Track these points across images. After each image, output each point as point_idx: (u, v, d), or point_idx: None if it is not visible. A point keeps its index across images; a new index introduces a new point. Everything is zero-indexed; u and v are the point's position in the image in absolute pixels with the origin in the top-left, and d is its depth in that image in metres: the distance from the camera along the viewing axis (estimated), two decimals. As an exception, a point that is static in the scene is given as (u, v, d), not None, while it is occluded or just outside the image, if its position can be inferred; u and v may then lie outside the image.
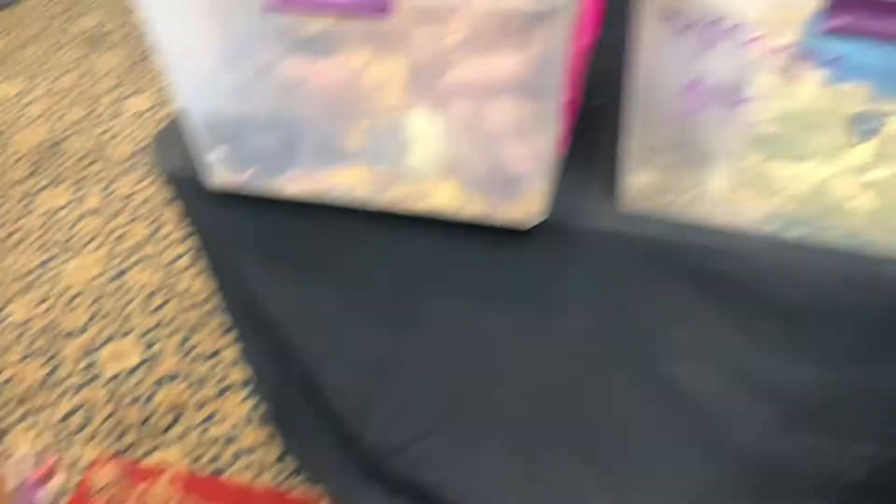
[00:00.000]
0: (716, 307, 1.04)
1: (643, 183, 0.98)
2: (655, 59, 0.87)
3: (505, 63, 0.92)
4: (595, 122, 1.11)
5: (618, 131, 0.96)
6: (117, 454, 1.89)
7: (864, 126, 0.87)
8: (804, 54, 0.81)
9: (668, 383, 1.15)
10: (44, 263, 2.42)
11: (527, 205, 0.99)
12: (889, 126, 0.91)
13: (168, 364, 2.09)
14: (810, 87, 0.86)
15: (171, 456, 1.88)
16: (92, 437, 1.93)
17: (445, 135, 0.98)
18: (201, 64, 0.97)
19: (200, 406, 1.98)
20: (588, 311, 1.11)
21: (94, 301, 2.29)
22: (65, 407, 2.00)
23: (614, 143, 1.00)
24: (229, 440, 1.90)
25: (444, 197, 1.01)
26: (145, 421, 1.96)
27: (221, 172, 1.07)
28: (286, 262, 1.20)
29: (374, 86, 0.99)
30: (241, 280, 1.26)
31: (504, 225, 1.01)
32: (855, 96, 0.92)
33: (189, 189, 1.13)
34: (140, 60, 3.32)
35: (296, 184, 1.06)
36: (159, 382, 2.05)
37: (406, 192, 1.02)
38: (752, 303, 1.01)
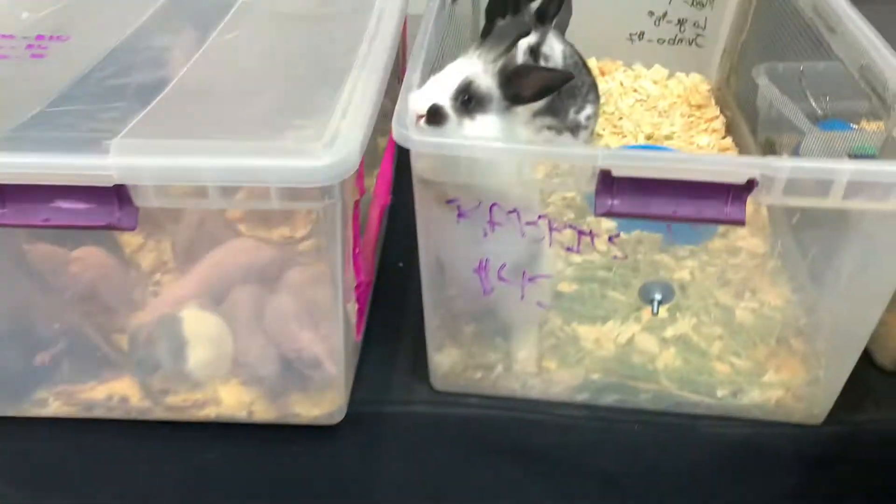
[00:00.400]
0: (538, 480, 0.97)
1: (450, 361, 0.92)
2: (442, 241, 0.82)
3: (283, 253, 0.84)
4: (396, 294, 1.04)
5: (420, 305, 0.90)
6: None
7: (651, 296, 0.86)
8: (587, 229, 0.79)
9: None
10: None
11: (324, 400, 0.89)
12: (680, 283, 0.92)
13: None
14: (597, 254, 0.84)
15: None
16: None
17: (225, 333, 0.87)
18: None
19: None
20: (406, 497, 1.00)
21: None
22: None
23: (418, 317, 0.93)
24: None
25: (229, 401, 0.89)
26: None
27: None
28: (51, 486, 1.01)
29: (143, 279, 0.87)
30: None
31: (304, 423, 0.90)
32: (645, 251, 0.93)
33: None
34: None
35: (50, 405, 0.89)
36: None
37: (186, 399, 0.89)
38: (572, 473, 0.96)
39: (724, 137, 1.43)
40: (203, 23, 0.97)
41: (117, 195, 0.69)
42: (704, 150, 1.39)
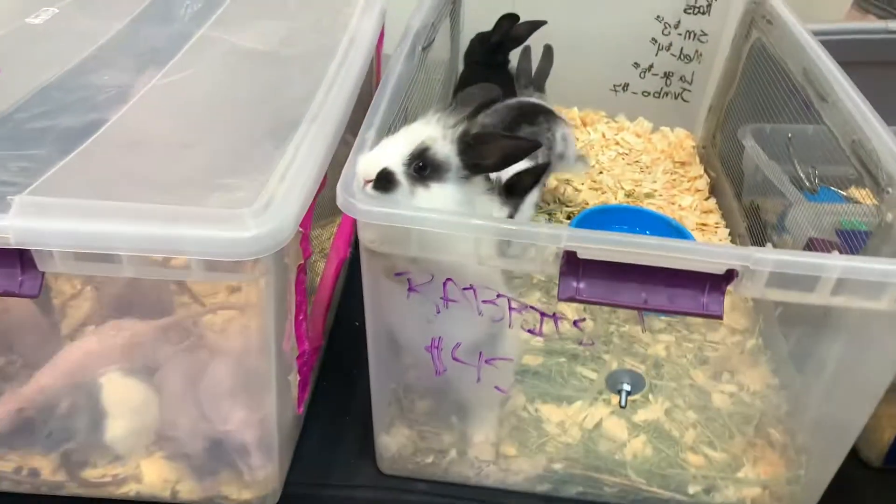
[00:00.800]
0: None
1: (398, 442, 0.84)
2: (391, 316, 0.74)
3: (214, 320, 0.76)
4: (349, 358, 0.96)
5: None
6: None
7: (619, 387, 0.79)
8: (551, 312, 0.71)
9: None
10: None
11: (256, 483, 0.80)
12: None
13: None
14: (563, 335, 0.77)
15: None
16: None
17: (150, 402, 0.78)
18: None
19: None
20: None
21: None
22: None
23: (370, 389, 0.85)
24: None
25: (151, 478, 0.80)
26: None
27: None
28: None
29: (70, 332, 0.79)
30: None
31: (234, 507, 0.81)
32: (618, 322, 0.86)
33: None
34: None
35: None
36: None
37: (104, 474, 0.80)
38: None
39: (707, 198, 1.36)
40: (152, 60, 0.90)
41: (19, 258, 0.61)
42: (686, 211, 1.33)
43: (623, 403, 0.77)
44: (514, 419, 0.85)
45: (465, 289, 0.69)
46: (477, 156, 0.71)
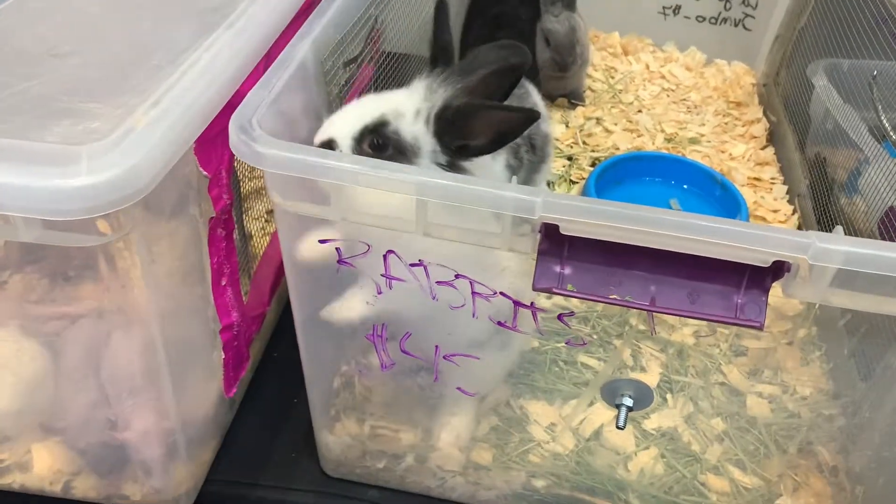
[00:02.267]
0: None
1: (343, 443, 0.68)
2: (318, 294, 0.56)
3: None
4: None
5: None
6: None
7: (618, 401, 0.60)
8: (527, 301, 0.53)
9: None
10: None
11: (160, 480, 0.65)
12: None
13: None
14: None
15: None
16: None
17: (44, 372, 0.63)
18: None
19: None
20: None
21: None
22: None
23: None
24: None
25: (42, 467, 0.66)
26: None
27: None
28: None
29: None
30: None
31: (140, 506, 0.66)
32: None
33: None
34: None
35: None
36: None
37: (-14, 458, 0.66)
38: None
39: (763, 148, 1.14)
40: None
41: None
42: (737, 162, 1.11)
43: (621, 424, 0.59)
44: (493, 417, 0.68)
45: (412, 265, 0.51)
46: (461, 134, 0.53)
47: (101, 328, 0.56)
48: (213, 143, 0.53)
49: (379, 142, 0.54)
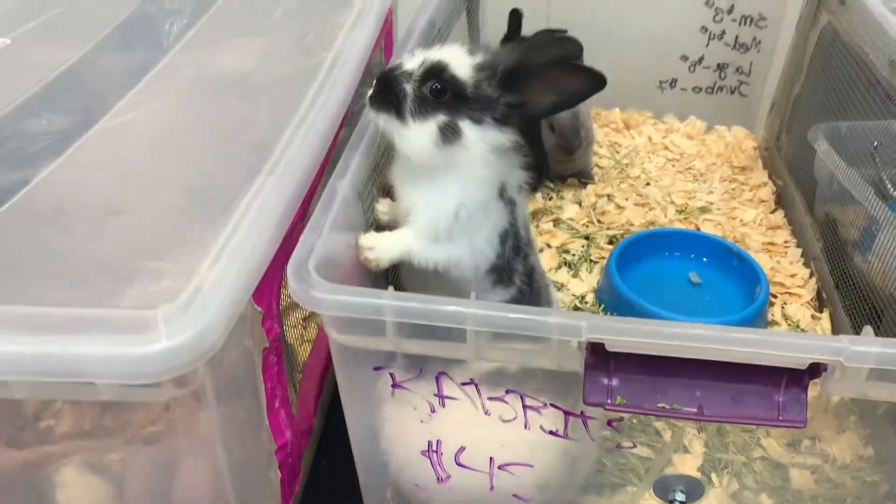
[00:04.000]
0: None
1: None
2: (374, 417, 0.59)
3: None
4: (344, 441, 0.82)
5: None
6: None
7: (671, 497, 0.62)
8: (577, 410, 0.55)
9: None
10: None
11: None
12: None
13: None
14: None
15: None
16: None
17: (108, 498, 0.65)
18: None
19: None
20: None
21: None
22: None
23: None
24: None
25: None
26: None
27: None
28: None
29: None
30: None
31: None
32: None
33: None
34: None
35: None
36: None
37: None
38: None
39: (773, 211, 1.17)
40: (102, 97, 0.76)
41: None
42: (749, 228, 1.14)
43: (678, 510, 0.61)
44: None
45: (464, 384, 0.54)
46: (526, 91, 0.58)
47: (169, 457, 0.58)
48: (265, 280, 0.57)
49: (438, 87, 0.57)
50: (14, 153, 0.68)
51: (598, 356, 0.49)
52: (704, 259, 1.03)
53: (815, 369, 0.47)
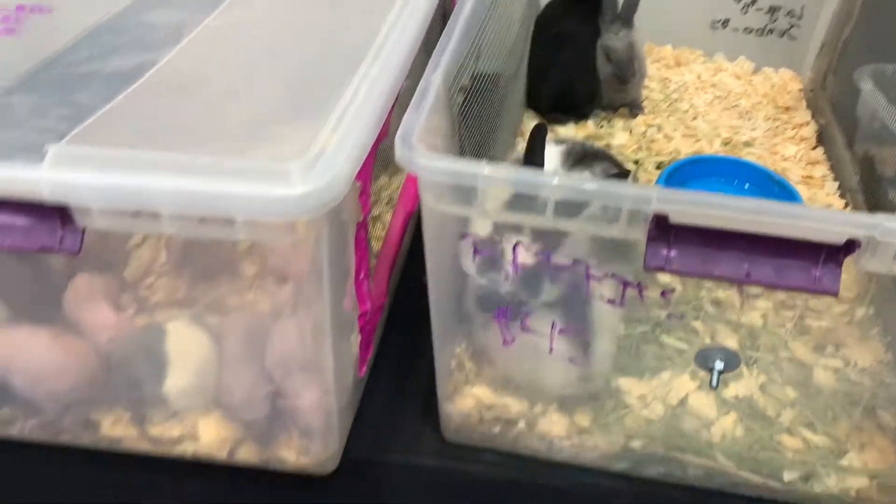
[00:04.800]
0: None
1: (463, 410, 0.78)
2: (456, 281, 0.68)
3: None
4: (415, 318, 0.91)
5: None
6: None
7: (710, 365, 0.70)
8: (634, 281, 0.63)
9: None
10: None
11: (314, 448, 0.76)
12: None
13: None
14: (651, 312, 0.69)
15: None
16: None
17: (212, 357, 0.75)
18: None
19: None
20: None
21: None
22: None
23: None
24: None
25: (209, 437, 0.78)
26: None
27: None
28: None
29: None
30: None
31: (293, 471, 0.78)
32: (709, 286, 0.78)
33: None
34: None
35: (19, 426, 0.80)
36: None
37: (163, 431, 0.78)
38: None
39: (814, 148, 1.23)
40: (209, -4, 0.84)
41: (59, 212, 0.57)
42: (790, 162, 1.21)
43: (715, 384, 0.69)
44: (592, 387, 0.78)
45: (536, 253, 0.62)
46: None
47: (275, 310, 0.67)
48: (366, 158, 0.65)
49: None
50: (136, 41, 0.76)
51: (661, 228, 0.56)
52: (746, 186, 1.10)
53: (851, 246, 0.54)
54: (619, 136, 1.23)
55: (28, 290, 0.69)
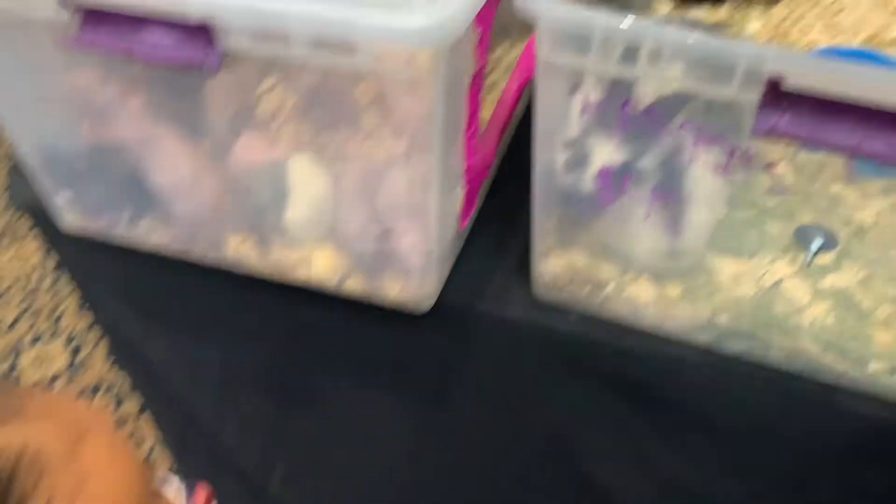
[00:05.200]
0: (635, 414, 0.88)
1: (555, 270, 0.82)
2: (560, 138, 0.70)
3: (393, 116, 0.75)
4: (519, 183, 0.94)
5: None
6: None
7: (808, 242, 0.70)
8: (742, 148, 0.64)
9: (584, 480, 1.00)
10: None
11: (416, 286, 0.82)
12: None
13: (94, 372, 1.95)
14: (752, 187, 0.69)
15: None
16: None
17: (328, 194, 0.81)
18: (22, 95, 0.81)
19: (120, 424, 1.84)
20: (491, 402, 0.95)
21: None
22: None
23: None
24: (145, 465, 1.77)
25: (322, 266, 0.85)
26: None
27: (72, 217, 0.91)
28: (160, 316, 1.04)
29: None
30: (116, 324, 1.11)
31: (392, 306, 0.84)
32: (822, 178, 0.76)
33: (46, 225, 0.97)
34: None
35: (157, 236, 0.89)
36: (81, 393, 1.91)
37: (281, 256, 0.86)
38: (676, 416, 0.85)
39: (969, 52, 1.14)
40: None
41: (203, 31, 0.62)
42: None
43: (809, 261, 0.70)
44: (682, 268, 0.80)
45: (644, 111, 0.63)
46: None
47: (393, 162, 0.72)
48: (488, 2, 0.66)
49: None
50: None
51: (774, 93, 0.56)
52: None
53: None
54: (752, 24, 1.17)
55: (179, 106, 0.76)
